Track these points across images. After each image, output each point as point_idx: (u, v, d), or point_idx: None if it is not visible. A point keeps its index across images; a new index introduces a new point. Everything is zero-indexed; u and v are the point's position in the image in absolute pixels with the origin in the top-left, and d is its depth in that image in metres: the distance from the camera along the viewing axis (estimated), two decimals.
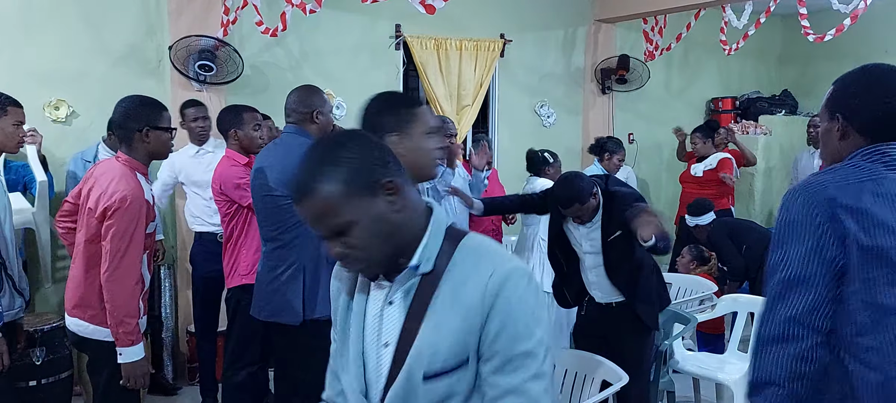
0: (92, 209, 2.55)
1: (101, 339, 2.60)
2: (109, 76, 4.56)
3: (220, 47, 4.64)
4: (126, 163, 2.61)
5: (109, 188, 2.52)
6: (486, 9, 6.11)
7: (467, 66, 5.95)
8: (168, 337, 4.72)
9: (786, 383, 1.52)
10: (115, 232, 2.48)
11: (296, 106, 2.92)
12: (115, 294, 2.50)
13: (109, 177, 2.56)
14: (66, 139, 4.50)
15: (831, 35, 5.28)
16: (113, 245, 2.48)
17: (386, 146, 1.39)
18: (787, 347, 1.52)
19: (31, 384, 3.54)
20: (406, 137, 1.81)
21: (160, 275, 4.67)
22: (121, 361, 2.55)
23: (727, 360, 3.99)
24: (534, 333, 1.30)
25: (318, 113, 2.91)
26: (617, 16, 6.53)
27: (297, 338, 2.87)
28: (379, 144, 1.36)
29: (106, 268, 2.50)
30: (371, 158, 1.30)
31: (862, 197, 1.52)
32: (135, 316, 2.55)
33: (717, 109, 7.49)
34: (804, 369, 1.52)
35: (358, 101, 6.35)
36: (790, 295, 1.53)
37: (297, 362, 2.88)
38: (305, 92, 2.96)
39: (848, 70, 1.84)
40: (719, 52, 6.24)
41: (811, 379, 1.53)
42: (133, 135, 2.60)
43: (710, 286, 4.44)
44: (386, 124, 1.81)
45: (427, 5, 4.43)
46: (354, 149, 1.30)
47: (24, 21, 4.41)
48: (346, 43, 5.53)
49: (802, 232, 1.53)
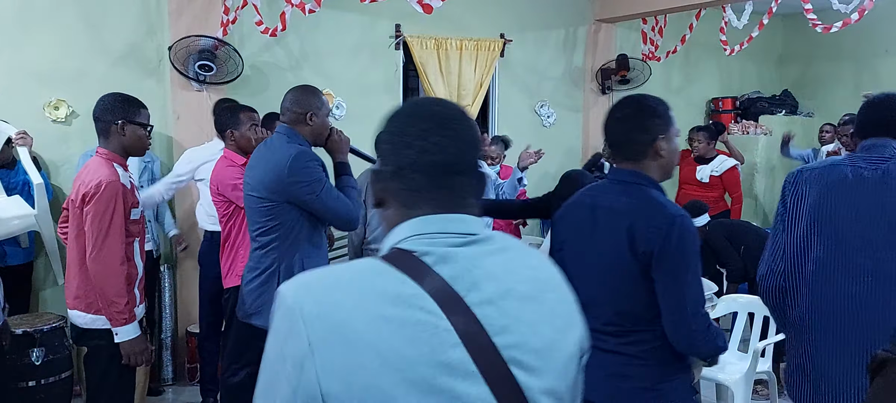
0: (74, 200, 2.67)
1: (99, 327, 2.69)
2: (109, 76, 4.55)
3: (219, 47, 4.64)
4: (103, 154, 2.73)
5: (87, 177, 2.65)
6: (487, 8, 6.10)
7: (467, 66, 5.94)
8: (168, 337, 4.72)
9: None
10: (93, 216, 2.60)
11: (290, 105, 2.89)
12: (100, 275, 2.60)
13: (87, 168, 2.70)
14: (66, 139, 4.50)
15: (838, 27, 5.28)
16: (93, 228, 2.59)
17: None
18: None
19: (31, 384, 3.54)
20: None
21: (161, 275, 4.67)
22: (118, 340, 2.65)
23: (727, 360, 3.98)
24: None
25: (313, 115, 2.86)
26: (617, 16, 6.53)
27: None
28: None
29: (90, 252, 2.60)
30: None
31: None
32: (123, 296, 2.63)
33: (717, 109, 7.49)
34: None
35: (358, 101, 6.38)
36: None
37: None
38: (302, 92, 2.92)
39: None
40: (720, 52, 6.23)
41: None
42: (110, 127, 2.72)
43: (710, 286, 4.44)
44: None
45: (425, 5, 4.43)
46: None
47: (24, 21, 4.40)
48: (346, 43, 5.53)
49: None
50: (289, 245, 2.82)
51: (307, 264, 2.82)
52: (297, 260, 2.82)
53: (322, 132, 2.91)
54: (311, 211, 2.79)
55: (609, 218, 1.93)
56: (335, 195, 2.81)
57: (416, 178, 1.03)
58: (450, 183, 1.04)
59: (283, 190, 2.76)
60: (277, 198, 2.78)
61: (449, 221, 1.03)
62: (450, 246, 1.01)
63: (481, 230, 1.05)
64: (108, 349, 2.68)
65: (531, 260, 1.08)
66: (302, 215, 2.80)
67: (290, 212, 2.79)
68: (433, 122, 1.05)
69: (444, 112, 1.07)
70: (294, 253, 2.82)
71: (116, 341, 2.65)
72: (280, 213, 2.79)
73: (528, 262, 1.07)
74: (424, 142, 1.03)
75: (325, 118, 2.92)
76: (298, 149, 2.78)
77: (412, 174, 1.03)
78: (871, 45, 6.92)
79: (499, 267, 1.02)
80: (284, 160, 2.74)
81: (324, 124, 2.91)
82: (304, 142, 2.85)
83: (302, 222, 2.81)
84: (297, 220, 2.80)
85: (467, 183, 1.06)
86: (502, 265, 1.03)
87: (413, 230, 1.02)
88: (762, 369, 3.72)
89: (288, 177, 2.73)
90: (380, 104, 5.62)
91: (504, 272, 1.02)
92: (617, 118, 2.01)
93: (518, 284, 1.02)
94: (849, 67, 7.29)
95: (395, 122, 1.08)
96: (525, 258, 1.07)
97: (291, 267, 2.82)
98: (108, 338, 2.66)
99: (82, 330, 2.73)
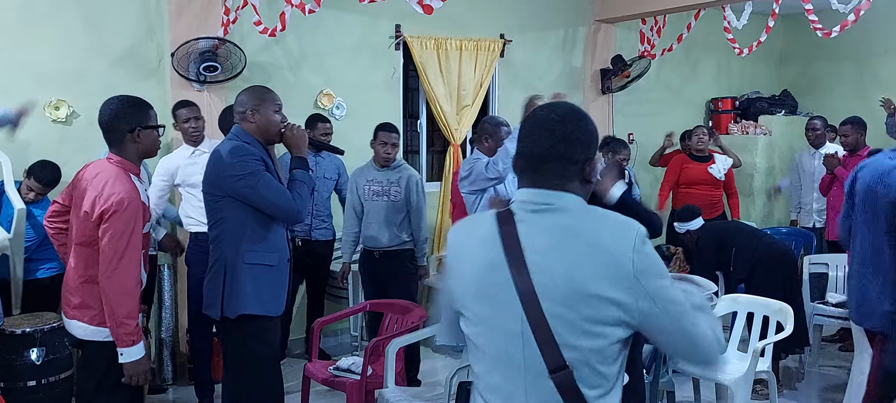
0: (88, 212, 2.52)
1: (101, 340, 2.60)
2: (109, 76, 4.55)
3: (219, 46, 4.64)
4: (118, 164, 2.60)
5: (105, 190, 2.50)
6: (486, 9, 6.11)
7: (467, 66, 5.94)
8: (168, 337, 4.72)
9: None
10: (112, 234, 2.48)
11: (235, 105, 2.97)
12: (113, 296, 2.49)
13: (103, 179, 2.54)
14: (66, 139, 4.50)
15: (837, 32, 5.29)
16: (111, 247, 2.48)
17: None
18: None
19: (31, 384, 3.54)
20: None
21: (160, 275, 4.67)
22: (122, 361, 2.55)
23: (727, 360, 3.98)
24: None
25: (253, 112, 2.88)
26: (617, 16, 6.53)
27: (223, 333, 3.06)
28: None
29: (104, 271, 2.49)
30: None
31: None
32: (134, 317, 2.54)
33: (716, 109, 7.49)
34: None
35: (358, 101, 6.38)
36: None
37: (226, 356, 3.11)
38: (246, 92, 2.97)
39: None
40: (719, 52, 6.25)
41: None
42: (124, 136, 2.60)
43: (710, 286, 4.44)
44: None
45: (425, 5, 4.43)
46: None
47: (24, 21, 4.40)
48: (346, 43, 5.53)
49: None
50: (232, 239, 2.84)
51: (249, 258, 2.83)
52: (240, 253, 2.83)
53: (269, 128, 2.91)
54: (250, 204, 2.80)
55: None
56: (274, 187, 2.82)
57: (520, 163, 1.52)
58: (541, 167, 1.47)
59: (221, 184, 2.82)
60: (219, 192, 2.84)
61: (533, 194, 1.47)
62: (527, 211, 1.47)
63: (557, 201, 1.45)
64: (107, 358, 2.58)
65: (579, 224, 1.44)
66: (245, 210, 2.81)
67: (231, 207, 2.82)
68: (537, 124, 1.49)
69: (547, 116, 1.49)
70: (237, 247, 2.83)
71: (121, 361, 2.54)
72: (223, 208, 2.85)
73: (572, 225, 1.43)
74: (527, 139, 1.50)
75: (273, 114, 2.91)
76: (234, 145, 2.83)
77: (519, 160, 1.52)
78: (871, 45, 6.92)
79: (550, 229, 1.43)
80: (221, 157, 2.81)
81: (269, 120, 2.90)
82: (252, 140, 2.88)
83: (245, 217, 2.82)
84: (241, 215, 2.82)
85: (556, 167, 1.46)
86: (553, 228, 1.43)
87: (516, 197, 1.51)
88: (762, 369, 3.72)
89: (223, 172, 2.79)
90: (380, 104, 5.62)
91: (552, 233, 1.43)
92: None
93: (556, 240, 1.42)
94: (849, 67, 7.29)
95: (522, 124, 1.58)
96: (577, 222, 1.44)
97: (234, 261, 2.83)
98: (109, 348, 2.56)
99: (80, 339, 2.65)
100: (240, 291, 2.84)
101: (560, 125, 1.46)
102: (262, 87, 2.99)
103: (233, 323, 2.87)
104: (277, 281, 2.94)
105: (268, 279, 2.89)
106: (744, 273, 4.47)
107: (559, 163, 1.45)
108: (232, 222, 2.84)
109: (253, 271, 2.85)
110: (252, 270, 2.85)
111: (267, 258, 2.88)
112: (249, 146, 2.85)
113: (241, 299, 2.84)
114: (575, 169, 1.46)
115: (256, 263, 2.85)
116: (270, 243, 2.89)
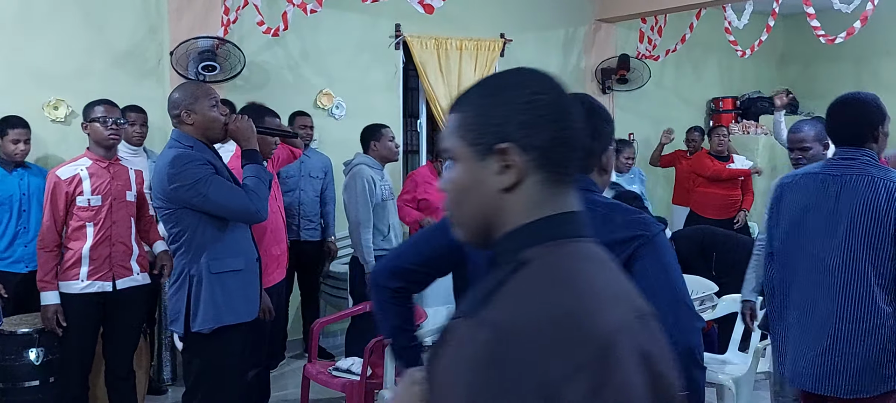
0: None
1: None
2: (109, 76, 4.55)
3: (219, 46, 4.63)
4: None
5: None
6: (487, 8, 6.10)
7: (467, 66, 5.94)
8: (167, 337, 4.72)
9: None
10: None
11: (169, 108, 2.79)
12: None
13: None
14: (65, 139, 4.49)
15: (842, 38, 5.28)
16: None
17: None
18: None
19: (31, 384, 3.54)
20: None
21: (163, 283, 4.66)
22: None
23: (727, 360, 3.98)
24: None
25: (187, 111, 2.71)
26: (617, 16, 6.53)
27: (188, 347, 2.85)
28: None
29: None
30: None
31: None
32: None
33: (717, 109, 7.49)
34: None
35: (358, 101, 6.35)
36: None
37: (188, 372, 2.96)
38: (176, 91, 2.79)
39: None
40: (720, 52, 6.25)
41: None
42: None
43: (710, 286, 4.43)
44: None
45: (426, 5, 4.42)
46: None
47: (24, 20, 4.40)
48: (347, 42, 5.52)
49: None
50: (195, 249, 2.70)
51: (215, 267, 2.70)
52: (204, 263, 2.70)
53: (209, 126, 2.74)
54: (204, 211, 2.66)
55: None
56: (227, 190, 2.67)
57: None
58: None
59: (170, 197, 2.66)
60: (171, 205, 2.69)
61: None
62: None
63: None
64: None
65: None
66: (201, 218, 2.68)
67: (187, 217, 2.68)
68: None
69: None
70: (200, 256, 2.69)
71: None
72: (180, 219, 2.69)
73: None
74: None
75: (210, 110, 2.73)
76: (175, 153, 2.66)
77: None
78: (871, 45, 6.91)
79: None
80: (163, 168, 2.66)
81: (208, 117, 2.72)
82: (194, 142, 2.71)
83: (203, 225, 2.69)
84: (198, 224, 2.68)
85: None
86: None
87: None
88: (762, 369, 3.72)
89: (169, 184, 2.63)
90: (380, 104, 5.62)
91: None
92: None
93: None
94: (849, 67, 7.28)
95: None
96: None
97: (200, 271, 2.70)
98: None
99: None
100: (212, 303, 2.70)
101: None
102: (193, 83, 2.82)
103: (203, 336, 2.73)
104: (248, 282, 2.82)
105: (237, 285, 2.76)
106: (728, 277, 4.47)
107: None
108: (190, 233, 2.69)
109: (221, 280, 2.71)
110: (220, 279, 2.71)
111: (233, 263, 2.76)
112: (192, 150, 2.68)
113: (215, 312, 2.71)
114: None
115: (223, 271, 2.72)
116: (234, 247, 2.77)
